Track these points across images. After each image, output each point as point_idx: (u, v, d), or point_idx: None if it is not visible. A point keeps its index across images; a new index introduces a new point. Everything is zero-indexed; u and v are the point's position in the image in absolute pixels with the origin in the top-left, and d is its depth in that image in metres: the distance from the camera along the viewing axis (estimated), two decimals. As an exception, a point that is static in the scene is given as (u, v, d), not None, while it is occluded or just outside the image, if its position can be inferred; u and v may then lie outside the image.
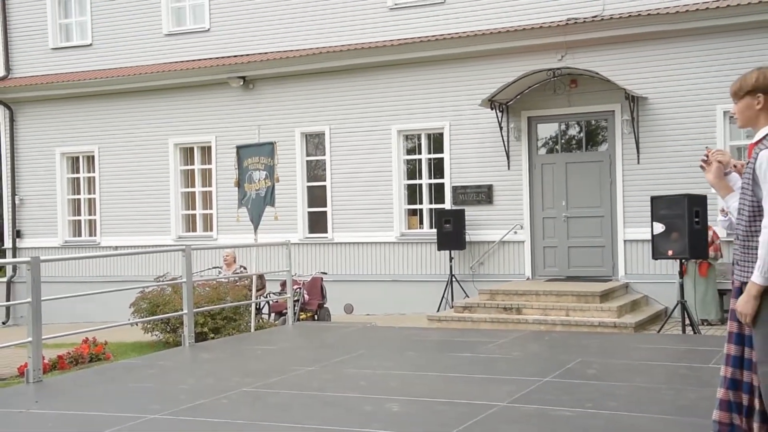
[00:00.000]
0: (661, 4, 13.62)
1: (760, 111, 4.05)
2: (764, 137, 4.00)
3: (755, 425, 4.03)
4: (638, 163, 13.77)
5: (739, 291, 4.01)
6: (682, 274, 11.07)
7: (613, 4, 13.98)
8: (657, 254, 11.00)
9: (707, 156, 4.39)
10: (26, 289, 7.79)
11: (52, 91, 18.55)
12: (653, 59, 13.73)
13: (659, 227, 10.67)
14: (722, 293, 12.69)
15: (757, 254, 3.88)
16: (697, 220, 10.65)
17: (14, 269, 19.22)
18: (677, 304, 11.11)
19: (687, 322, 10.85)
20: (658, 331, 11.32)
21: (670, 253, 10.79)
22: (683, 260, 11.01)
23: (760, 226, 3.89)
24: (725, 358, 4.19)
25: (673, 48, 13.60)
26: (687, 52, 13.50)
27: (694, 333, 10.83)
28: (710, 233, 11.71)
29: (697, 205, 10.71)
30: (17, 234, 19.20)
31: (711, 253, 11.88)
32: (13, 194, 19.18)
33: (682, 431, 5.39)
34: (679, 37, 13.52)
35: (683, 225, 10.56)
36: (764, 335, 3.93)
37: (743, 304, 3.95)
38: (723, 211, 8.92)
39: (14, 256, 18.82)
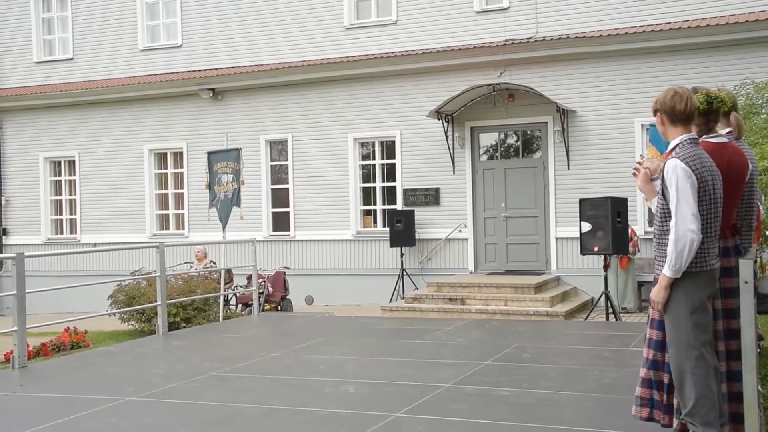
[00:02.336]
0: (587, 29, 13.82)
1: (664, 127, 4.17)
2: (674, 148, 4.10)
3: (675, 401, 4.13)
4: (568, 168, 13.95)
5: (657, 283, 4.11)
6: (606, 267, 11.23)
7: (545, 27, 14.14)
8: (584, 250, 11.14)
9: (639, 163, 4.47)
10: (12, 283, 7.67)
11: (36, 101, 18.23)
12: (581, 77, 13.92)
13: (586, 226, 10.81)
14: (641, 284, 12.93)
15: (667, 251, 3.99)
16: (619, 219, 10.82)
17: (1, 264, 18.87)
18: (602, 295, 11.29)
19: (610, 310, 11.04)
20: (585, 319, 11.47)
21: (596, 249, 10.94)
22: (607, 255, 11.17)
23: (669, 226, 3.99)
24: (647, 342, 4.26)
25: (599, 67, 13.79)
26: (610, 71, 13.71)
27: (616, 320, 11.01)
28: (629, 231, 11.89)
29: (619, 206, 10.88)
30: (3, 232, 18.85)
31: (630, 248, 12.07)
32: (0, 195, 18.84)
33: (604, 406, 5.49)
34: (604, 57, 13.72)
35: (607, 224, 10.71)
36: (673, 320, 4.03)
37: (655, 293, 4.06)
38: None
39: (0, 252, 18.48)
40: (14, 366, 7.52)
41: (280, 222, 16.38)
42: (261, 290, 12.95)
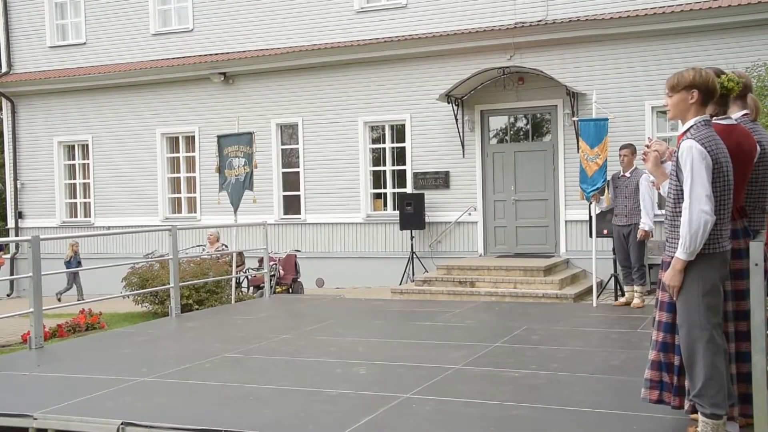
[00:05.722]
0: (598, 11, 13.71)
1: (691, 105, 4.07)
2: (689, 129, 4.06)
3: (686, 382, 4.12)
4: (578, 151, 13.78)
5: (668, 265, 4.08)
6: (615, 250, 11.17)
7: (556, 10, 14.03)
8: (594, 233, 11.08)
9: (648, 146, 4.43)
10: (28, 265, 7.72)
11: (49, 85, 18.28)
12: (591, 59, 13.82)
13: (595, 209, 10.77)
14: (650, 267, 12.84)
15: (680, 233, 3.96)
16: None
17: (17, 247, 18.99)
18: (610, 277, 11.26)
19: (619, 292, 11.01)
20: (594, 302, 11.43)
21: (605, 232, 10.90)
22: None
23: (682, 207, 3.96)
24: (657, 324, 4.23)
25: (609, 50, 13.69)
26: (621, 53, 13.59)
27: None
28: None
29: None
30: (19, 215, 18.96)
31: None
32: (15, 179, 18.92)
33: (612, 387, 5.49)
34: (614, 40, 13.61)
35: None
36: (684, 302, 4.01)
37: (670, 278, 4.01)
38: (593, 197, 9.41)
39: (17, 235, 18.59)
40: (31, 347, 7.60)
41: (291, 205, 16.41)
42: (272, 273, 12.98)
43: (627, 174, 9.67)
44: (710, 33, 12.98)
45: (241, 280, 13.90)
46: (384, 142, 15.68)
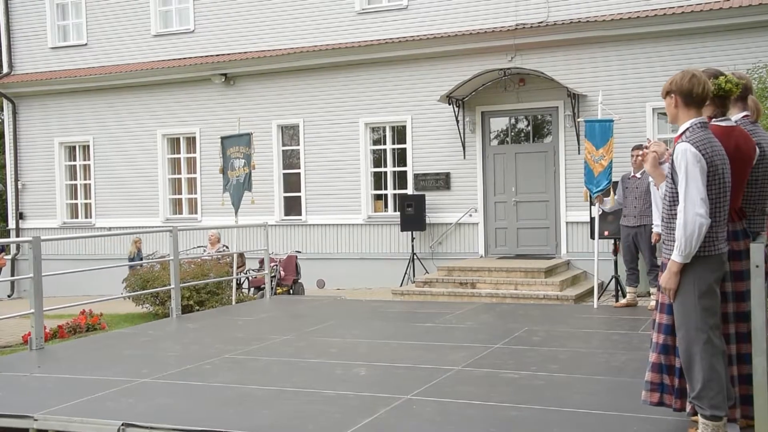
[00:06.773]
0: (598, 12, 13.72)
1: (676, 109, 4.11)
2: (684, 132, 4.06)
3: (688, 384, 4.12)
4: (579, 153, 13.83)
5: (665, 267, 4.08)
6: (615, 251, 11.19)
7: (557, 11, 14.04)
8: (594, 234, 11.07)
9: (647, 147, 4.44)
10: (29, 266, 7.73)
11: (51, 86, 18.30)
12: (592, 61, 13.83)
13: (597, 210, 10.77)
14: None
15: (675, 236, 3.96)
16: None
17: (18, 248, 19.00)
18: (611, 279, 11.25)
19: (620, 293, 11.00)
20: (595, 303, 11.42)
21: (606, 233, 10.90)
22: (617, 239, 11.12)
23: (678, 210, 3.95)
24: (657, 326, 4.22)
25: (610, 51, 13.70)
26: (622, 55, 13.61)
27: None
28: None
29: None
30: (20, 216, 18.98)
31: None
32: (16, 180, 18.94)
33: (612, 389, 5.48)
34: (615, 41, 13.62)
35: (618, 209, 10.63)
36: (682, 304, 4.01)
37: (666, 280, 4.01)
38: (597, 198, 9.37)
39: (17, 236, 18.61)
40: (32, 348, 7.60)
41: (292, 206, 16.41)
42: (273, 274, 12.98)
43: (638, 175, 9.59)
44: (711, 34, 12.99)
45: (241, 281, 13.90)
46: (385, 144, 15.69)
